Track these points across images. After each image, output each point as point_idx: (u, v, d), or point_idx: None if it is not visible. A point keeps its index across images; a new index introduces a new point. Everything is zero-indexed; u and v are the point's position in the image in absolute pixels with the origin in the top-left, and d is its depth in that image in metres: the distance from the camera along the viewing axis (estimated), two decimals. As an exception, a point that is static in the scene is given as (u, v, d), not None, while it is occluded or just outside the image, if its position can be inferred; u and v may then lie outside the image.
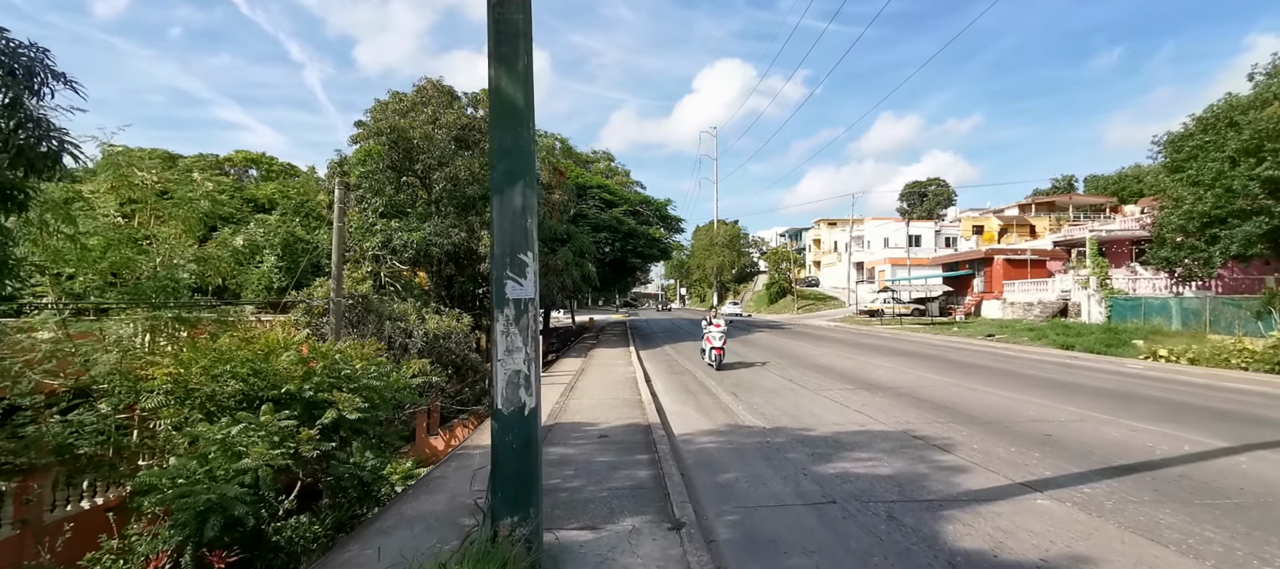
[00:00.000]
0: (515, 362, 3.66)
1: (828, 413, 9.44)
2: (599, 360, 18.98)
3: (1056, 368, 15.01)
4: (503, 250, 3.68)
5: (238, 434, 7.69)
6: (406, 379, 10.42)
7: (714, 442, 7.76)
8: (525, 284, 3.70)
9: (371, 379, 9.50)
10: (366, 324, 14.34)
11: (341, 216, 12.46)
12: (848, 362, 16.67)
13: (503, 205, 3.71)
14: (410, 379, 10.32)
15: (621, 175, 39.67)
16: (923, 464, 6.32)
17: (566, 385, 13.09)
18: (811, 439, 7.67)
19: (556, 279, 23.44)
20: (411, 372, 10.37)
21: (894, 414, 9.13)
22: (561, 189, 25.22)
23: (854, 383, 12.61)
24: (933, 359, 17.24)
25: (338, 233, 12.34)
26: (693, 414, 9.75)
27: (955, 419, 8.63)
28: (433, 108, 23.11)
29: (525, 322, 3.69)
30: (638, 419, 8.84)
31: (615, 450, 6.83)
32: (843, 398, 10.76)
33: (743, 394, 11.53)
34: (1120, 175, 76.61)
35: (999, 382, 12.38)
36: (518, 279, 3.68)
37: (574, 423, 8.64)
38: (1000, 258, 39.54)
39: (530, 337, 3.70)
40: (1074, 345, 21.20)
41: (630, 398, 10.88)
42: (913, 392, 11.23)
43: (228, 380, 8.40)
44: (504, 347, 3.66)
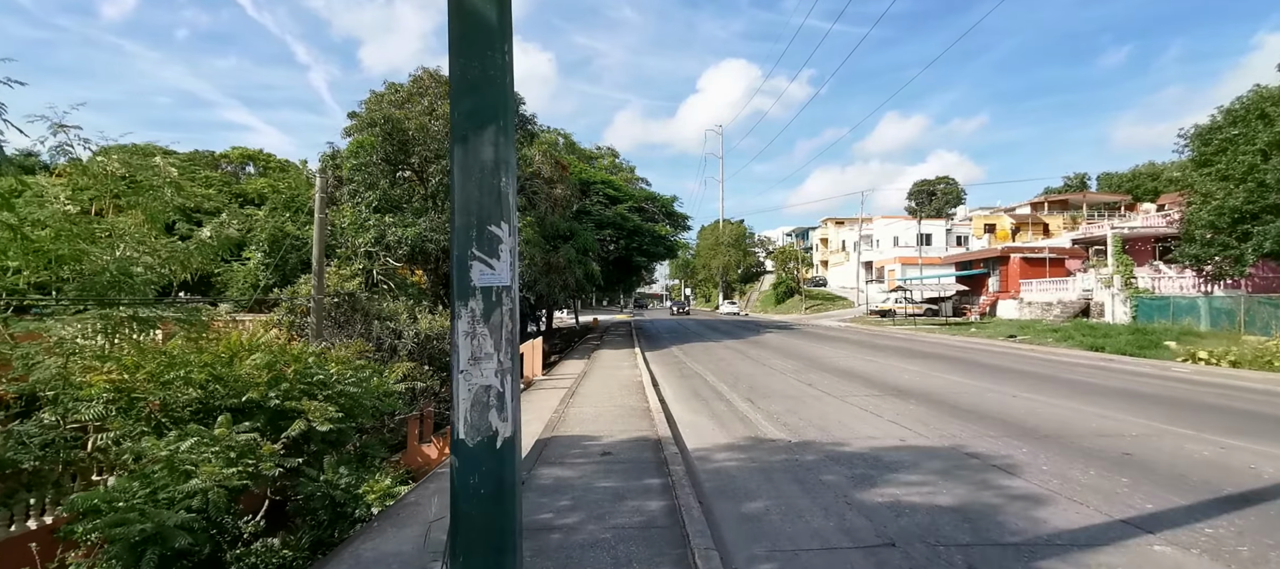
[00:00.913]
0: (483, 373, 2.65)
1: (859, 423, 8.40)
2: (603, 363, 17.96)
3: (1096, 372, 13.91)
4: (467, 220, 2.67)
5: (187, 450, 6.71)
6: (390, 384, 9.44)
7: (734, 460, 6.73)
8: (498, 267, 2.69)
9: (349, 385, 8.52)
10: (354, 324, 13.37)
11: (323, 208, 11.50)
12: (867, 364, 15.61)
13: (467, 158, 2.70)
14: (395, 385, 9.33)
15: (626, 172, 38.67)
16: (989, 492, 5.27)
17: (567, 391, 12.07)
18: (847, 457, 6.63)
19: (558, 278, 22.45)
20: (397, 376, 9.39)
21: (935, 425, 8.08)
22: (564, 184, 24.23)
23: (879, 388, 11.55)
24: (958, 361, 16.16)
25: (319, 225, 11.38)
26: (707, 425, 8.72)
27: (1007, 432, 7.57)
28: (429, 98, 22.14)
29: (499, 319, 2.68)
30: (646, 431, 7.81)
31: (621, 472, 5.80)
32: (871, 405, 9.72)
33: (760, 401, 10.49)
34: (1134, 173, 75.24)
35: (1040, 387, 11.30)
36: (488, 260, 2.67)
37: (574, 436, 7.62)
38: (1016, 256, 38.34)
39: (505, 339, 2.69)
40: (1104, 347, 20.09)
41: (637, 405, 9.86)
42: (948, 398, 10.17)
43: (181, 388, 7.43)
44: (467, 353, 2.65)
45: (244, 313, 16.14)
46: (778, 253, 71.36)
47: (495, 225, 2.69)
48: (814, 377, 13.48)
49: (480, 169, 2.69)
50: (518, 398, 2.77)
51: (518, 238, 2.85)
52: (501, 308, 2.70)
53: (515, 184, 2.82)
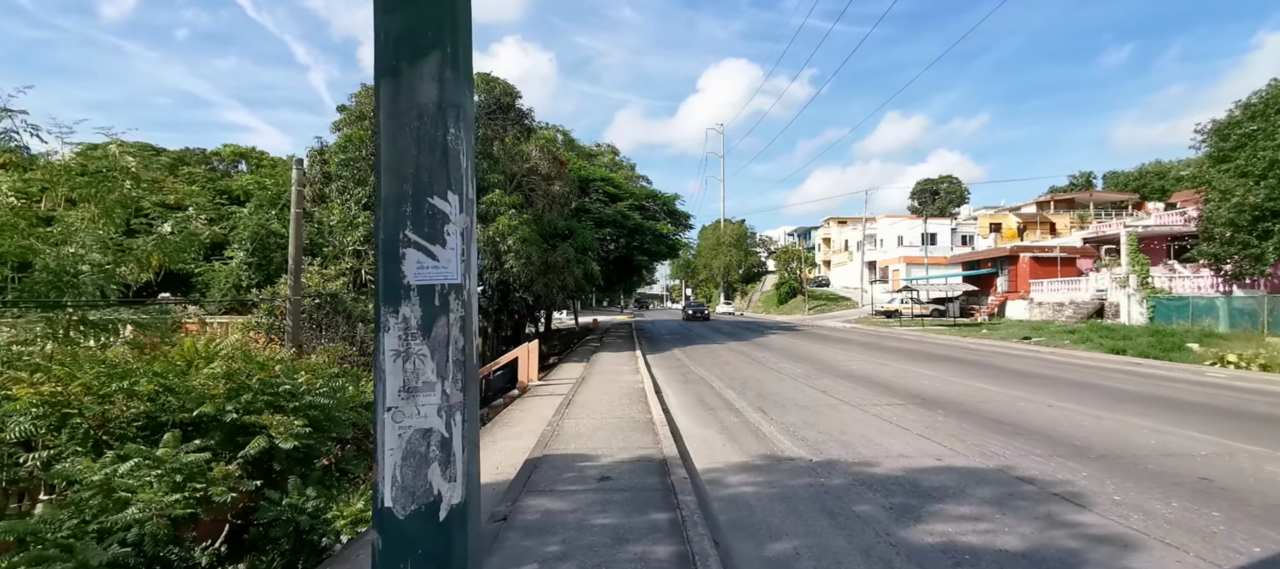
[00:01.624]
0: (420, 411, 1.82)
1: (885, 438, 7.56)
2: (603, 367, 17.13)
3: (1127, 377, 13.06)
4: (398, 189, 1.84)
5: (126, 473, 5.88)
6: (367, 394, 8.59)
7: (751, 483, 5.89)
8: (444, 257, 1.86)
9: (320, 395, 7.68)
10: (336, 326, 12.55)
11: (300, 203, 10.68)
12: (882, 368, 14.76)
13: (398, 100, 1.87)
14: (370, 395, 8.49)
15: (626, 169, 37.81)
16: (1060, 531, 4.44)
17: (564, 399, 11.24)
18: (879, 481, 5.79)
19: (556, 278, 21.60)
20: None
21: (971, 441, 7.24)
22: (562, 180, 23.40)
23: (900, 395, 10.71)
24: (976, 365, 15.32)
25: (295, 221, 10.56)
26: (717, 440, 7.88)
27: (1057, 450, 6.73)
28: (422, 91, 21.30)
29: (444, 331, 1.85)
30: (649, 448, 6.97)
31: (622, 504, 4.96)
32: (894, 416, 8.87)
33: (773, 410, 9.65)
34: (1141, 171, 74.35)
35: (1075, 395, 10.46)
36: (428, 247, 1.84)
37: (569, 455, 6.78)
38: (1026, 256, 37.49)
39: (455, 360, 1.86)
40: (1125, 350, 19.26)
41: (639, 417, 9.02)
42: (977, 408, 9.33)
43: (124, 401, 6.60)
44: (397, 381, 1.82)
45: (222, 315, 15.33)
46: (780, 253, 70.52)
47: (440, 197, 1.86)
48: (827, 382, 12.64)
49: (418, 115, 1.86)
50: (475, 445, 1.93)
51: (475, 215, 2.01)
52: (448, 315, 1.86)
53: (471, 140, 1.99)
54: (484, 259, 19.08)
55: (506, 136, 22.87)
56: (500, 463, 7.17)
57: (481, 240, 18.60)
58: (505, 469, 6.72)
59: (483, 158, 20.87)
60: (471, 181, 1.96)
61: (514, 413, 10.91)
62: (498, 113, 23.02)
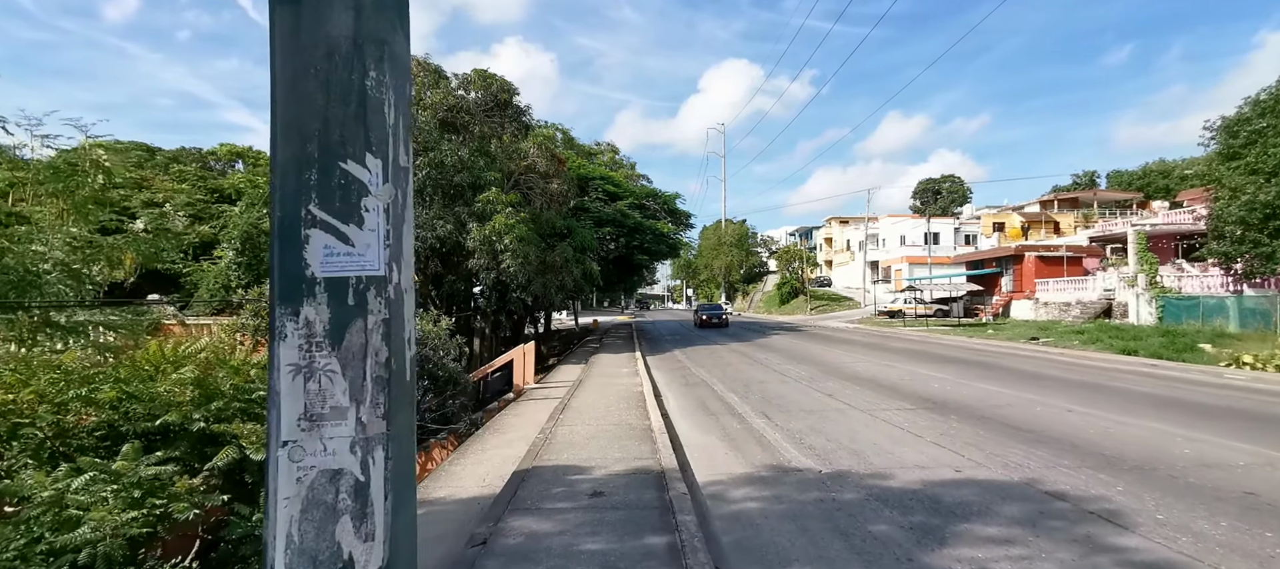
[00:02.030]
0: (325, 446, 1.37)
1: (897, 446, 7.10)
2: (601, 369, 16.67)
3: (1144, 379, 12.59)
4: (298, 151, 1.39)
5: (80, 489, 5.44)
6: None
7: (756, 499, 5.44)
8: (361, 242, 1.41)
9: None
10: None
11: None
12: (888, 370, 14.29)
13: (298, 31, 1.41)
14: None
15: (627, 169, 37.36)
16: (1103, 556, 3.98)
17: (559, 403, 10.78)
18: (896, 496, 5.33)
19: (555, 278, 21.14)
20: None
21: (991, 450, 6.77)
22: (560, 178, 22.95)
23: (909, 399, 10.25)
24: (985, 366, 14.85)
25: (278, 217, 10.10)
26: (719, 448, 7.42)
27: (1084, 460, 6.26)
28: (416, 88, 20.88)
29: (361, 340, 1.40)
30: (646, 459, 6.51)
31: (615, 525, 4.50)
32: (905, 421, 8.41)
33: (777, 416, 9.19)
34: (1145, 170, 73.88)
35: (1093, 399, 9.99)
36: (337, 228, 1.39)
37: (560, 466, 6.31)
38: (1031, 255, 36.99)
39: (375, 378, 1.40)
40: (1137, 350, 18.79)
41: (637, 423, 8.56)
42: (992, 413, 8.86)
43: (82, 409, 6.15)
44: (296, 405, 1.37)
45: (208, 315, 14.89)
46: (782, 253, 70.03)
47: (356, 161, 1.41)
48: (832, 385, 12.17)
49: (326, 53, 1.40)
50: (407, 490, 1.47)
51: (410, 187, 1.56)
52: (367, 317, 1.40)
53: (405, 91, 1.53)
54: (480, 258, 18.63)
55: (504, 134, 22.43)
56: (488, 474, 6.72)
57: (478, 239, 18.16)
58: (492, 481, 6.27)
59: (480, 155, 20.43)
60: (404, 144, 1.50)
61: (507, 418, 10.46)
62: (495, 110, 22.57)
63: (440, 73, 21.48)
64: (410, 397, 1.52)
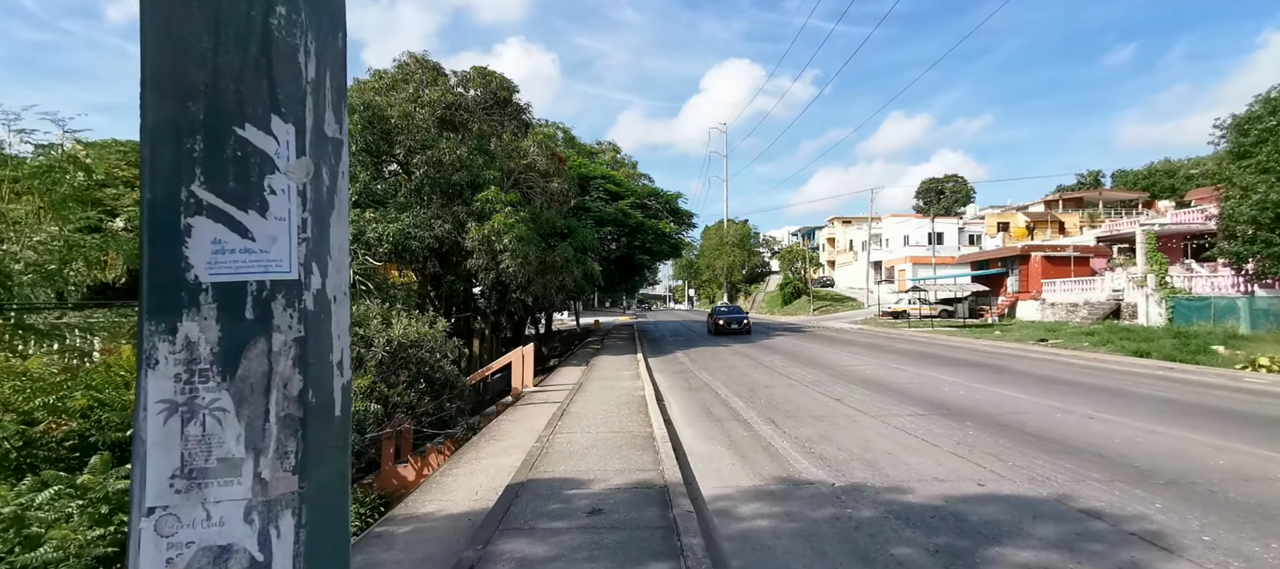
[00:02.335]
0: (209, 513, 1.00)
1: (913, 456, 6.72)
2: (602, 371, 16.31)
3: (1160, 383, 12.19)
4: (174, 112, 1.02)
5: (44, 504, 5.09)
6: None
7: (767, 515, 5.07)
8: (263, 234, 1.04)
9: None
10: (315, 330, 11.76)
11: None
12: (897, 373, 13.91)
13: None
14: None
15: (628, 168, 36.97)
16: (1155, 587, 3.60)
17: (558, 408, 10.42)
18: (917, 513, 4.96)
19: (555, 278, 20.78)
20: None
21: (1013, 460, 6.39)
22: (561, 177, 22.58)
23: (922, 404, 9.87)
24: (996, 370, 14.45)
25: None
26: (725, 458, 7.05)
27: (1115, 473, 5.88)
28: (415, 85, 20.55)
29: (259, 366, 1.03)
30: (649, 470, 6.14)
31: (613, 549, 4.13)
32: (919, 429, 8.03)
33: (785, 422, 8.82)
34: (1150, 170, 73.33)
35: (1114, 404, 9.59)
36: (230, 214, 1.03)
37: (556, 480, 5.95)
38: (1037, 255, 36.55)
39: (281, 416, 1.04)
40: (1149, 352, 18.35)
41: (638, 430, 8.19)
42: (1010, 420, 8.48)
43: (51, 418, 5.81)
44: (168, 457, 1.00)
45: None
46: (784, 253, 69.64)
47: (257, 125, 1.03)
48: (840, 389, 11.80)
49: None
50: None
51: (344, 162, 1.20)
52: (271, 337, 1.03)
53: (335, 38, 1.16)
54: (479, 259, 18.28)
55: (504, 133, 22.08)
56: (481, 486, 6.36)
57: (476, 238, 17.81)
58: (485, 495, 5.91)
59: (479, 153, 20.09)
60: (332, 106, 1.14)
61: (503, 424, 10.10)
62: (494, 108, 22.23)
63: (439, 70, 21.13)
64: (341, 440, 1.15)
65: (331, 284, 1.14)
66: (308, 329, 1.07)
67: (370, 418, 11.62)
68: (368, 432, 11.76)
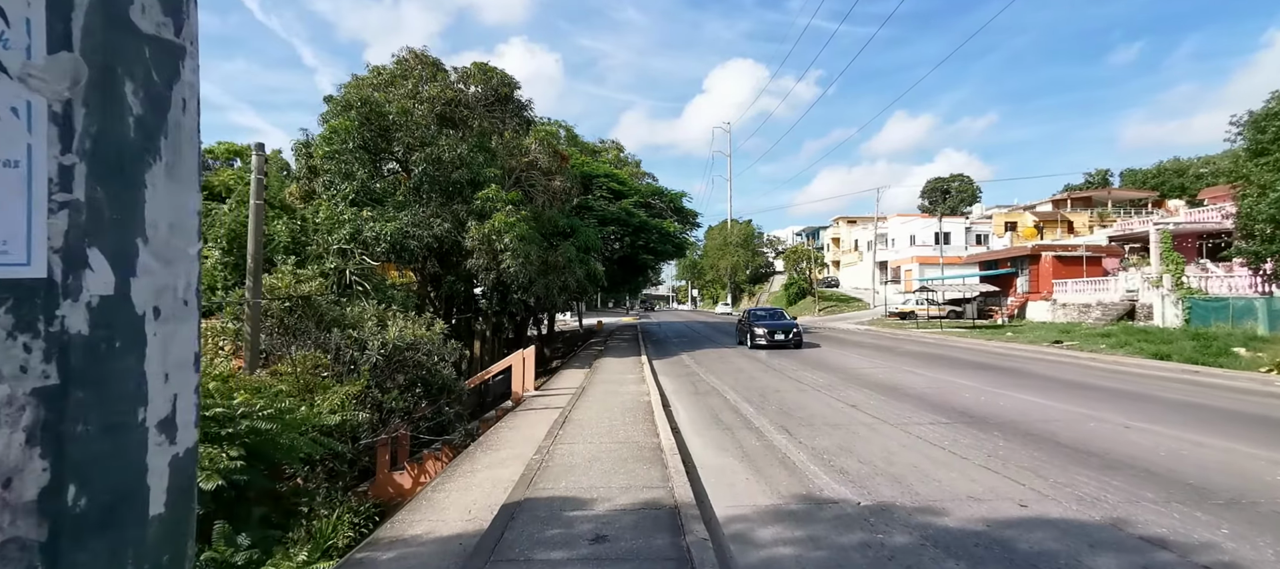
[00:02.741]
0: None
1: (943, 470, 6.21)
2: (605, 374, 15.82)
3: (1189, 388, 11.65)
4: None
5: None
6: (323, 415, 7.30)
7: (788, 541, 4.57)
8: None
9: (260, 419, 6.41)
10: (308, 333, 11.28)
11: (259, 192, 9.44)
12: (911, 377, 13.38)
13: None
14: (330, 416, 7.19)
15: (632, 167, 36.51)
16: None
17: (559, 415, 9.93)
18: (956, 540, 4.46)
19: (557, 278, 20.30)
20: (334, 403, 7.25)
21: (1055, 477, 5.88)
22: (563, 175, 22.11)
23: (943, 412, 9.35)
24: (1014, 373, 13.91)
25: (255, 213, 9.31)
26: (739, 472, 6.55)
27: (1170, 492, 5.36)
28: (413, 81, 20.09)
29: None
30: (657, 487, 5.65)
31: (620, 584, 3.64)
32: (945, 439, 7.52)
33: (799, 431, 8.31)
34: (1159, 169, 72.58)
35: (1148, 412, 9.06)
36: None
37: (555, 499, 5.45)
38: (1048, 255, 35.93)
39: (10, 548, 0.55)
40: (1170, 355, 17.80)
41: (645, 441, 7.69)
42: (1040, 429, 7.96)
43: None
44: None
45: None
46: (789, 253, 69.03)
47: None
48: (854, 394, 11.28)
49: None
50: None
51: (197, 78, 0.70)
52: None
53: None
54: (479, 258, 17.82)
55: (505, 130, 21.61)
56: (474, 504, 5.87)
57: (476, 238, 17.35)
58: (479, 515, 5.42)
59: (479, 151, 19.63)
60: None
61: (502, 432, 9.62)
62: (495, 104, 21.76)
63: (438, 66, 20.68)
64: (172, 551, 0.66)
65: (146, 287, 0.65)
66: (72, 370, 0.58)
67: (363, 425, 11.16)
68: (362, 438, 11.31)
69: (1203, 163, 70.02)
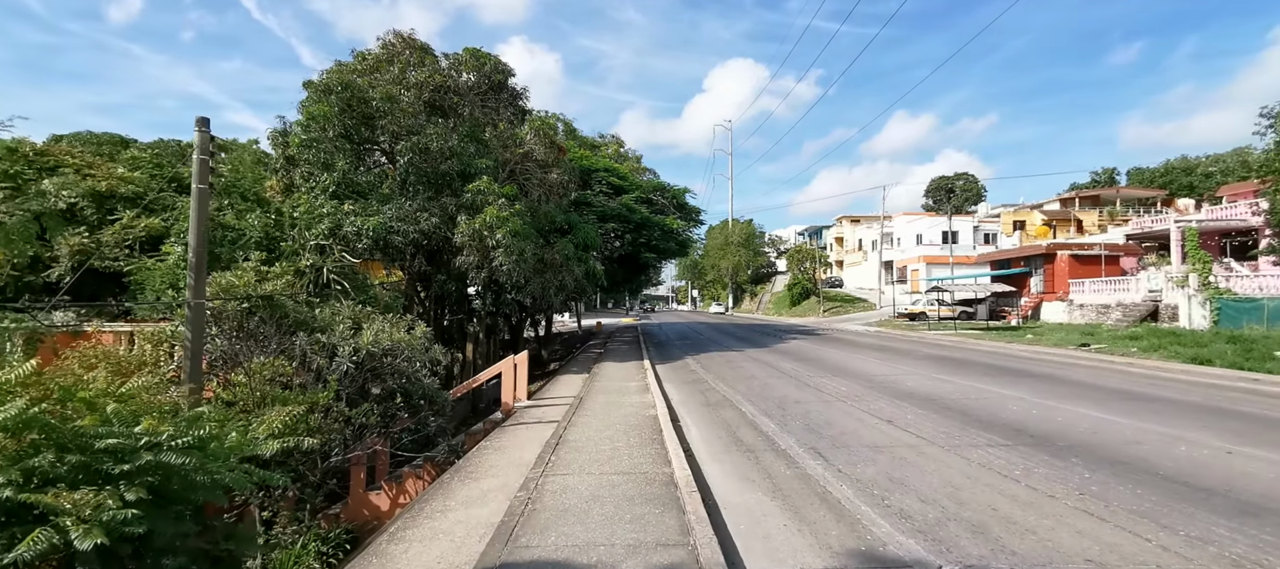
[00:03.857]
0: None
1: (1034, 515, 4.93)
2: (605, 382, 14.53)
3: (1262, 400, 10.37)
4: None
5: None
6: (258, 441, 5.97)
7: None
8: None
9: (169, 452, 5.10)
10: (268, 338, 9.97)
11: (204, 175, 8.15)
12: (943, 385, 12.09)
13: None
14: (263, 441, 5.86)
15: (632, 162, 35.19)
16: None
17: (554, 432, 8.64)
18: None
19: (554, 277, 19.00)
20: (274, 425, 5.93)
21: (1182, 526, 4.60)
22: (560, 167, 20.79)
23: (995, 428, 8.06)
24: (1054, 380, 12.62)
25: (197, 198, 8.01)
26: (772, 513, 5.26)
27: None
28: (400, 66, 18.78)
29: None
30: (674, 545, 4.36)
31: None
32: (1017, 469, 6.24)
33: (834, 453, 7.03)
34: (1167, 167, 71.43)
35: (1237, 431, 7.77)
36: None
37: (544, 565, 4.15)
38: (1064, 254, 34.68)
39: None
40: (1210, 359, 16.52)
41: (654, 471, 6.40)
42: (1130, 456, 6.67)
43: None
44: None
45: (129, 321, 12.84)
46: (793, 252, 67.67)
47: None
48: (885, 406, 10.00)
49: None
50: None
51: None
52: None
53: None
54: (469, 256, 16.51)
55: (500, 121, 20.31)
56: (442, 557, 4.58)
57: (466, 233, 16.04)
58: (441, 582, 4.12)
59: (470, 141, 18.34)
60: None
61: (486, 454, 8.32)
62: (489, 93, 20.45)
63: (427, 50, 19.35)
64: None
65: None
66: None
67: (334, 443, 9.87)
68: (334, 456, 10.02)
69: (1211, 161, 68.93)
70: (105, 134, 30.32)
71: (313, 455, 9.70)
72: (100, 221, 16.38)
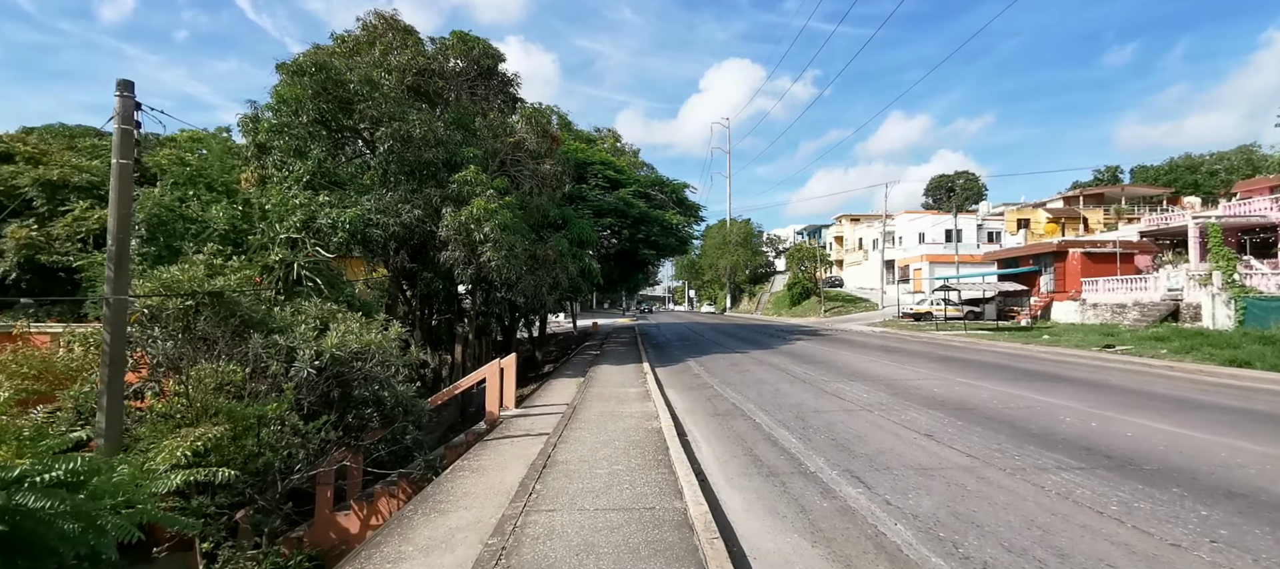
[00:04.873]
0: None
1: (1130, 562, 3.76)
2: (601, 389, 13.32)
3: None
4: None
5: None
6: (156, 476, 4.75)
7: None
8: None
9: (30, 492, 3.90)
10: (216, 341, 8.74)
11: (128, 149, 6.91)
12: (973, 390, 10.93)
13: None
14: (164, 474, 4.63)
15: (629, 156, 33.98)
16: None
17: (542, 451, 7.42)
18: None
19: (547, 275, 17.77)
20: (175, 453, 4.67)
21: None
22: (553, 158, 19.58)
23: (1059, 447, 6.90)
24: (1092, 385, 11.48)
25: (117, 176, 6.77)
26: (814, 563, 4.07)
27: None
28: (382, 48, 17.55)
29: None
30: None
31: None
32: (1108, 502, 5.06)
33: (874, 478, 5.84)
34: (1171, 165, 70.57)
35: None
36: None
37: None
38: (1076, 251, 33.56)
39: None
40: (1249, 361, 15.41)
41: (661, 504, 5.19)
42: (1242, 483, 5.51)
43: None
44: None
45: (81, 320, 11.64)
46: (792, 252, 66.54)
47: None
48: (918, 416, 8.82)
49: None
50: None
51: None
52: None
53: None
54: (455, 251, 15.29)
55: (490, 110, 19.09)
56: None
57: (451, 226, 14.82)
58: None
59: (456, 128, 17.12)
60: None
61: (460, 477, 7.08)
62: (478, 80, 19.23)
63: (410, 32, 18.12)
64: None
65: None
66: None
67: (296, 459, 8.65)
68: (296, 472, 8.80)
69: (1216, 158, 68.12)
70: (79, 126, 28.95)
71: (269, 475, 8.50)
72: (51, 213, 15.14)
